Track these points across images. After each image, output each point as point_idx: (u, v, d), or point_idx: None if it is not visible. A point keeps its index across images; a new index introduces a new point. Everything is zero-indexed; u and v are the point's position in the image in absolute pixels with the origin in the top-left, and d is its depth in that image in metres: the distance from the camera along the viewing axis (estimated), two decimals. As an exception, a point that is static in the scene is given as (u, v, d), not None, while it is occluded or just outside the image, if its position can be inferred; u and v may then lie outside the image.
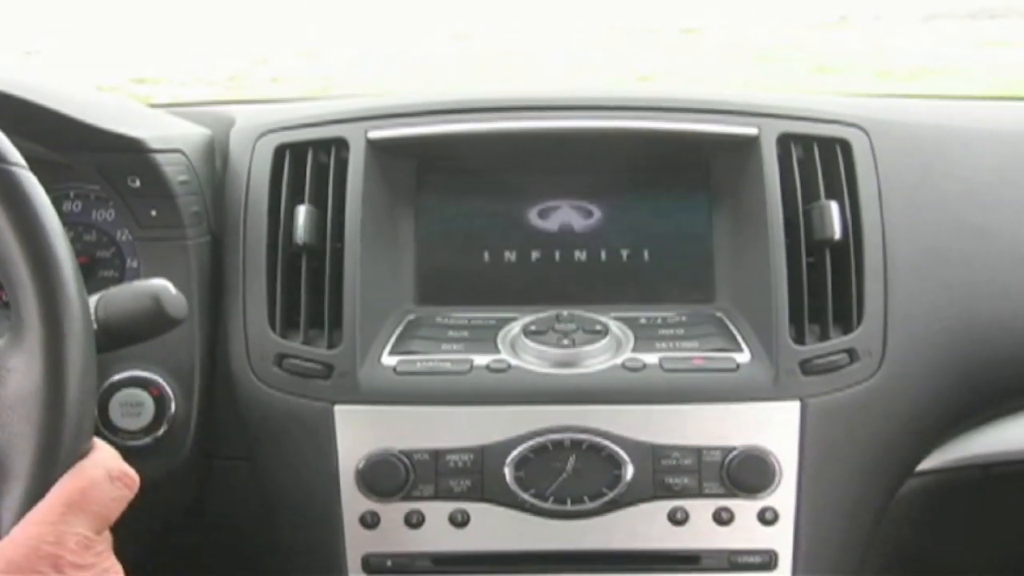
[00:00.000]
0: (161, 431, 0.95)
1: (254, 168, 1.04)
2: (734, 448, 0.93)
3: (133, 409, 0.94)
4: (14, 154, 0.62)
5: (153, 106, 1.16)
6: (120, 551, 0.62)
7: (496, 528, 0.94)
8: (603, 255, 1.09)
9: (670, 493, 0.93)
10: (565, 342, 0.97)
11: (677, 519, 0.94)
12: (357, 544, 0.96)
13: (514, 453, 0.93)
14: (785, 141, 1.03)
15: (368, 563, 0.96)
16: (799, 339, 0.97)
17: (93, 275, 1.05)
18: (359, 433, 0.95)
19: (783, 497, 0.94)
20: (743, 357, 0.97)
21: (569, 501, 0.93)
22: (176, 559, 1.06)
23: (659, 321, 1.03)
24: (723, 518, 0.94)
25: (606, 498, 0.93)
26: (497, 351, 0.98)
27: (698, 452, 0.94)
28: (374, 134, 1.04)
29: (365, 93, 1.22)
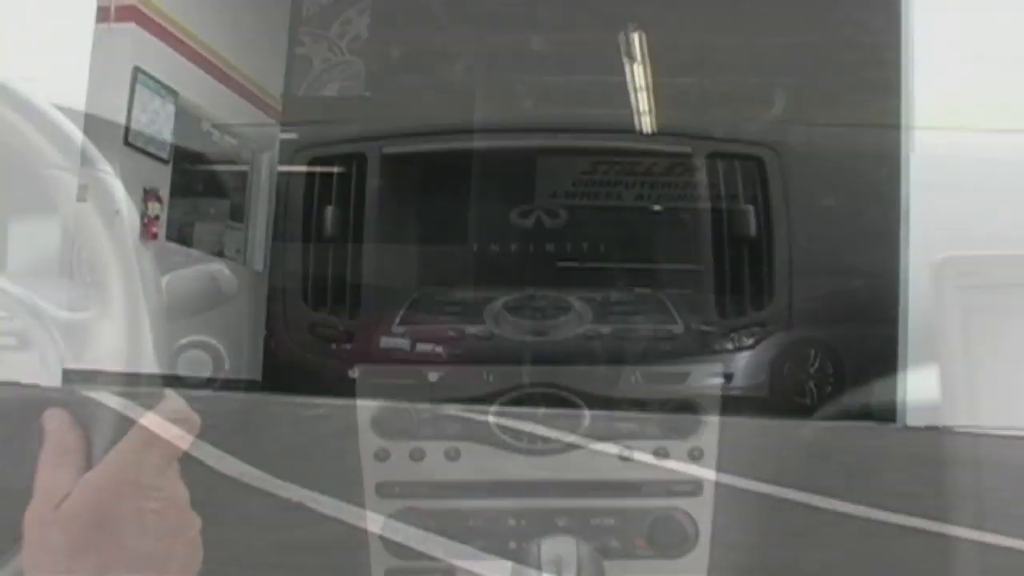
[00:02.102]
0: (218, 384, 1.15)
1: (292, 176, 1.26)
2: (670, 400, 1.16)
3: (196, 367, 1.14)
4: (103, 163, 0.74)
5: (215, 126, 1.37)
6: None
7: (481, 462, 1.14)
8: (568, 247, 1.32)
9: (619, 435, 1.14)
10: (538, 316, 1.18)
11: (624, 456, 1.14)
12: (372, 474, 1.15)
13: (496, 404, 1.14)
14: (713, 158, 1.27)
15: (380, 489, 1.15)
16: (722, 314, 1.21)
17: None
18: (374, 387, 1.16)
19: (707, 437, 1.16)
20: (678, 328, 1.20)
21: (539, 442, 1.13)
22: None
23: (612, 300, 1.26)
24: (660, 455, 1.15)
25: (568, 440, 1.14)
26: (483, 323, 1.20)
27: (642, 403, 1.15)
28: (388, 150, 1.26)
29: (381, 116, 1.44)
